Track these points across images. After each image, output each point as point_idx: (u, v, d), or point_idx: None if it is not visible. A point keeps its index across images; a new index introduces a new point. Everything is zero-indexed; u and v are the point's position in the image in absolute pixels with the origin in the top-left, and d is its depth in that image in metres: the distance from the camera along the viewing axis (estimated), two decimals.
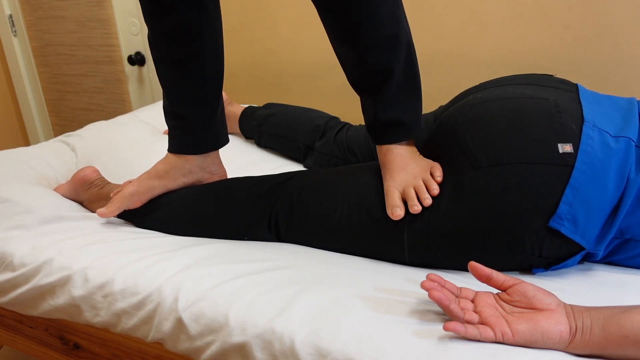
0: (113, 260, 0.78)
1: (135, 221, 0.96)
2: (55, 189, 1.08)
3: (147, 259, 0.78)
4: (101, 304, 0.76)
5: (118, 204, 0.91)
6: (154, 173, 0.94)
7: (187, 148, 0.94)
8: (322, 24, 1.60)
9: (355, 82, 0.83)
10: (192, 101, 0.90)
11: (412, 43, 0.81)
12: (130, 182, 0.96)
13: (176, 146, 0.94)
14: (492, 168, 0.71)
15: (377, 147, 0.85)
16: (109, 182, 1.05)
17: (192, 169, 0.95)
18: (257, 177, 0.93)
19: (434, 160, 0.82)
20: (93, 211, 1.03)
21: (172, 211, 0.93)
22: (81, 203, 1.05)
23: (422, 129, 0.85)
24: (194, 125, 0.92)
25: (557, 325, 0.55)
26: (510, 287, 0.60)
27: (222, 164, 1.00)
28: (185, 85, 0.89)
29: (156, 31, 0.86)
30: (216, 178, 0.99)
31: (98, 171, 1.07)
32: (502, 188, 0.70)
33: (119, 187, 0.97)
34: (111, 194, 0.95)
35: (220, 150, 1.04)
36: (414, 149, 0.84)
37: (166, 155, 0.96)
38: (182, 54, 0.87)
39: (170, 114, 0.93)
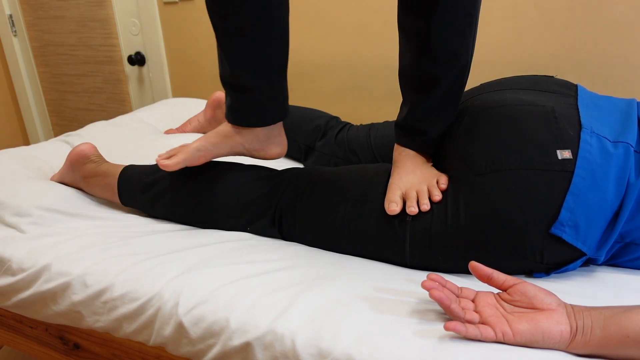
0: (111, 264, 0.78)
1: (138, 204, 0.95)
2: (51, 178, 1.07)
3: (146, 262, 0.78)
4: (101, 309, 0.76)
5: (183, 156, 0.86)
6: (222, 132, 0.89)
7: (252, 120, 0.88)
8: (322, 25, 1.60)
9: (404, 77, 0.83)
10: (257, 70, 0.84)
11: (469, 67, 0.80)
12: (186, 145, 0.91)
13: (241, 119, 0.89)
14: (492, 174, 0.71)
15: (395, 144, 0.86)
16: (106, 160, 1.03)
17: (260, 138, 0.90)
18: (266, 170, 0.93)
19: (435, 166, 0.83)
20: (90, 191, 1.01)
21: (178, 196, 0.92)
22: (77, 184, 1.03)
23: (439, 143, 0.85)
24: (261, 96, 0.86)
25: (558, 325, 0.55)
26: (511, 286, 0.60)
27: (284, 134, 0.95)
28: (251, 52, 0.82)
29: None
30: (279, 149, 0.94)
31: (95, 147, 1.05)
32: (502, 194, 0.70)
33: (174, 148, 0.91)
34: (169, 150, 0.90)
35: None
36: (427, 158, 0.86)
37: (228, 123, 0.90)
38: (250, 14, 0.79)
39: (232, 85, 0.86)
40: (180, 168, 0.88)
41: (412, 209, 0.75)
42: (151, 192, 0.94)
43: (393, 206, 0.76)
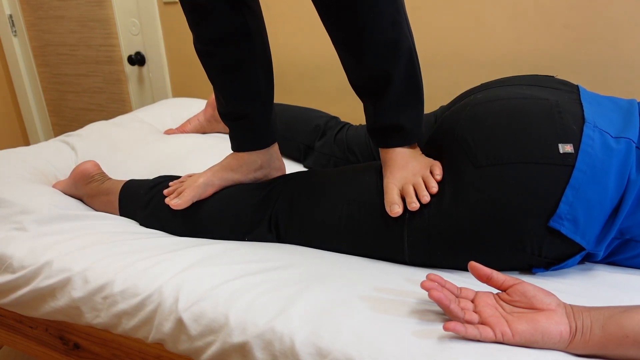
0: (112, 261, 0.78)
1: (138, 219, 0.96)
2: (54, 185, 1.08)
3: (147, 259, 0.78)
4: (101, 305, 0.76)
5: (192, 192, 0.91)
6: (227, 166, 0.95)
7: (252, 144, 0.94)
8: (321, 24, 1.60)
9: (356, 86, 0.83)
10: (249, 99, 0.91)
11: (414, 48, 0.80)
12: (190, 176, 0.96)
13: (242, 144, 0.95)
14: (492, 167, 0.71)
15: (379, 150, 0.85)
16: (109, 178, 1.05)
17: (262, 164, 0.96)
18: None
19: (435, 159, 0.82)
20: (92, 206, 1.03)
21: (175, 213, 0.92)
22: (80, 198, 1.05)
23: (423, 133, 0.84)
24: (255, 121, 0.93)
25: (557, 325, 0.55)
26: (510, 287, 0.60)
27: (281, 158, 1.01)
28: (240, 85, 0.90)
29: (204, 37, 0.87)
30: (279, 173, 0.99)
31: (99, 165, 1.07)
32: (503, 187, 0.70)
33: (183, 177, 0.97)
34: (176, 183, 0.96)
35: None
36: (415, 149, 0.85)
37: (233, 153, 0.97)
38: (233, 54, 0.87)
39: (228, 115, 0.94)
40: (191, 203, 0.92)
41: (414, 205, 0.74)
42: (149, 209, 0.95)
43: (395, 208, 0.75)
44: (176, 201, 0.90)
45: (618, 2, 1.27)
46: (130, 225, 0.94)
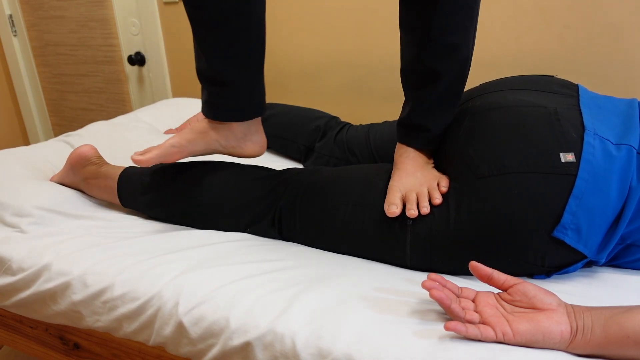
0: (111, 264, 0.78)
1: (138, 204, 0.95)
2: (51, 178, 1.07)
3: (146, 262, 0.78)
4: (101, 309, 0.76)
5: (157, 152, 0.85)
6: (197, 129, 0.88)
7: (230, 115, 0.88)
8: (322, 25, 1.60)
9: (405, 74, 0.83)
10: (236, 62, 0.83)
11: (470, 61, 0.80)
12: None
13: (217, 113, 0.88)
14: (494, 178, 0.71)
15: (397, 144, 0.86)
16: (107, 162, 1.02)
17: (237, 135, 0.90)
18: (265, 170, 0.93)
19: (436, 168, 0.83)
20: (90, 192, 1.01)
21: (176, 198, 0.91)
22: (77, 186, 1.03)
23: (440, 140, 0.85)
24: (238, 90, 0.86)
25: (558, 325, 0.55)
26: (511, 286, 0.60)
27: (263, 132, 0.95)
28: (229, 44, 0.82)
29: None
30: (257, 148, 0.93)
31: (96, 149, 1.04)
32: (505, 198, 0.69)
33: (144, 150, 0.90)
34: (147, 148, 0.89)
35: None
36: (428, 159, 0.85)
37: (207, 119, 0.89)
38: (226, 5, 0.79)
39: (210, 80, 0.86)
40: (155, 164, 0.87)
41: (412, 212, 0.74)
42: (150, 194, 0.93)
43: (393, 208, 0.76)
44: (139, 157, 0.84)
45: (618, 2, 1.26)
46: (128, 225, 0.94)
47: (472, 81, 1.50)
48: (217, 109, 0.88)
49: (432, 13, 0.74)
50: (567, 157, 0.68)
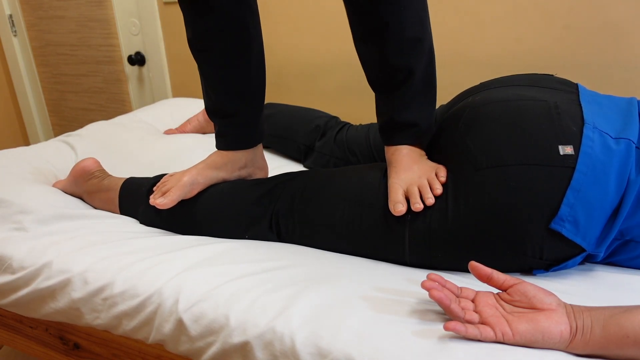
0: (112, 262, 0.78)
1: (138, 216, 0.96)
2: (54, 185, 1.08)
3: (147, 260, 0.78)
4: (101, 306, 0.76)
5: (178, 192, 0.90)
6: (212, 164, 0.95)
7: (239, 143, 0.95)
8: (321, 24, 1.60)
9: (375, 81, 0.84)
10: (240, 96, 0.92)
11: (433, 48, 0.81)
12: (172, 175, 0.94)
13: (228, 143, 0.96)
14: (493, 170, 0.71)
15: (386, 146, 0.86)
16: (109, 175, 1.05)
17: (246, 163, 0.97)
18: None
19: (436, 162, 0.82)
20: (92, 204, 1.03)
21: (175, 209, 0.92)
22: (80, 197, 1.05)
23: (433, 132, 0.85)
24: (244, 120, 0.94)
25: (558, 325, 0.55)
26: (511, 286, 0.60)
27: (264, 158, 1.02)
28: (233, 81, 0.90)
29: (200, 29, 0.87)
30: (262, 173, 1.01)
31: (99, 162, 1.07)
32: (503, 190, 0.70)
33: (165, 178, 0.95)
34: (159, 185, 0.94)
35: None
36: (421, 152, 0.85)
37: (218, 151, 0.97)
38: (230, 49, 0.87)
39: (217, 112, 0.94)
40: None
41: (417, 205, 0.74)
42: (150, 206, 0.94)
43: (399, 207, 0.75)
44: (161, 200, 0.88)
45: (618, 2, 1.27)
46: (129, 225, 0.94)
47: (472, 81, 1.50)
48: (227, 138, 0.95)
49: (384, 11, 0.75)
50: (566, 149, 0.68)
